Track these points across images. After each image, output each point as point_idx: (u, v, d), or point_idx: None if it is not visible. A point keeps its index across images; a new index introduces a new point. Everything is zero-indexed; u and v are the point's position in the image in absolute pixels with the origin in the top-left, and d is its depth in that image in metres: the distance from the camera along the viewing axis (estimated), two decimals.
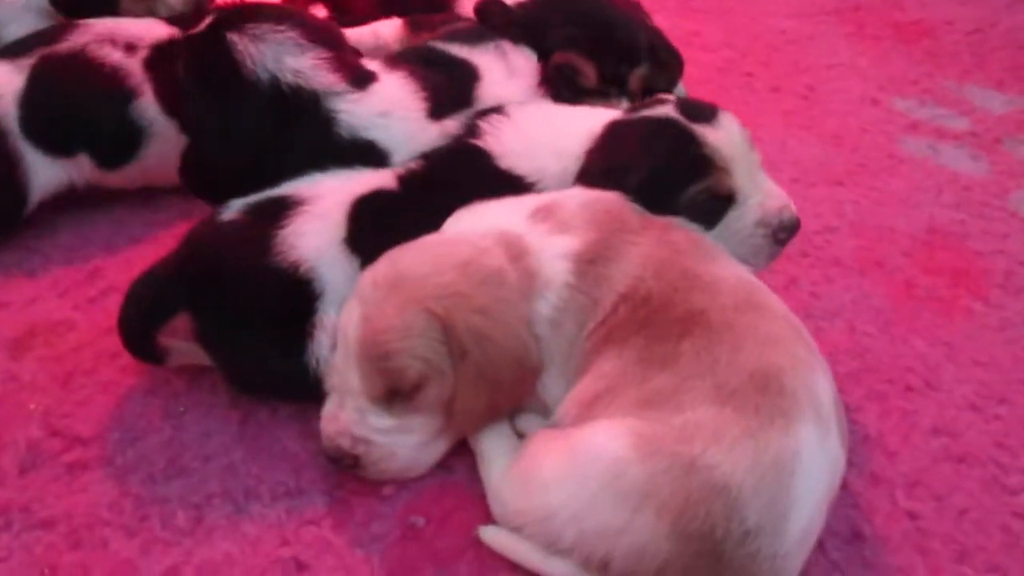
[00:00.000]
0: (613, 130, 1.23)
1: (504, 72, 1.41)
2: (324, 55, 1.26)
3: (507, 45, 1.46)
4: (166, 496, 1.07)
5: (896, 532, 1.07)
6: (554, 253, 1.07)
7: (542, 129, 1.28)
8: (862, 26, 2.45)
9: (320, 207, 1.18)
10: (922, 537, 1.07)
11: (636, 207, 1.14)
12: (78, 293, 1.37)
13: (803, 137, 1.91)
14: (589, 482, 0.92)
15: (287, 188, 1.22)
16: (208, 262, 1.15)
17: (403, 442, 1.05)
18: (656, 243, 1.07)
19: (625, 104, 1.49)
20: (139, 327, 1.15)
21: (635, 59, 1.54)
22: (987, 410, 1.25)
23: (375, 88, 1.29)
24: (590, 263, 1.06)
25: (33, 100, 1.42)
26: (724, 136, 1.18)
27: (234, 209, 1.19)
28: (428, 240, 1.10)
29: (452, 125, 1.32)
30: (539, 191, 1.23)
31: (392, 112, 1.28)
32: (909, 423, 1.22)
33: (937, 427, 1.22)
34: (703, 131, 1.17)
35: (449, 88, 1.35)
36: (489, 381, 1.02)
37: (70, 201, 1.53)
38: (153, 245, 1.45)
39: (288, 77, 1.22)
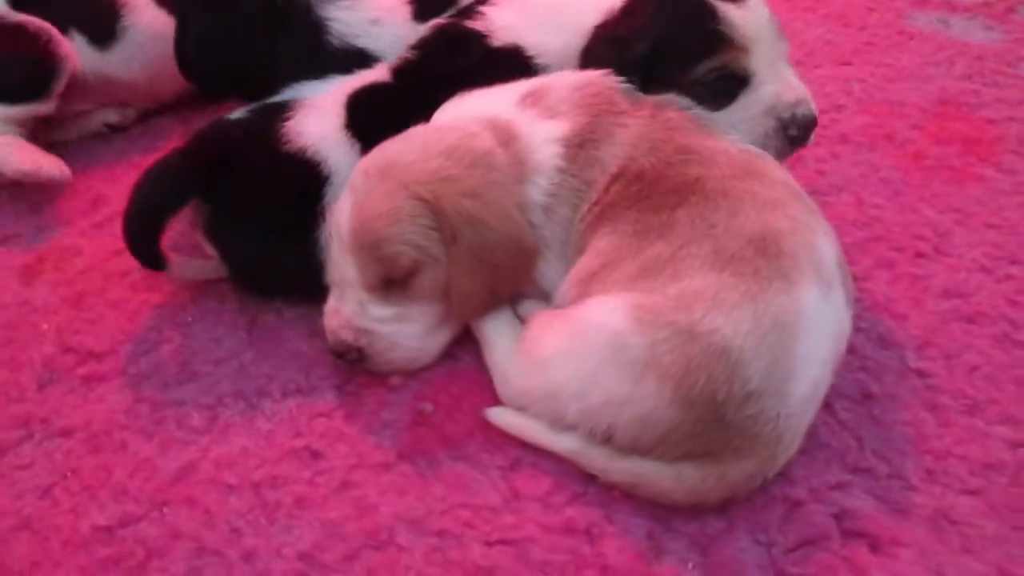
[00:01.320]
0: (632, 2, 1.16)
1: None
2: None
3: None
4: (180, 399, 1.09)
5: (905, 390, 1.07)
6: (543, 138, 1.06)
7: (547, 3, 1.23)
8: None
9: (320, 102, 1.19)
10: (932, 394, 1.06)
11: (627, 88, 1.11)
12: (83, 221, 1.39)
13: (808, 19, 1.86)
14: (591, 357, 0.92)
15: (286, 94, 1.23)
16: (220, 151, 1.16)
17: (405, 331, 1.05)
18: (648, 122, 1.05)
19: None
20: (149, 218, 1.15)
21: None
22: (998, 271, 1.23)
23: None
24: (579, 147, 1.05)
25: None
26: (749, 15, 1.11)
27: (239, 112, 1.21)
28: (417, 129, 1.09)
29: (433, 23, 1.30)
30: (540, 67, 1.20)
31: (382, 19, 1.27)
32: (919, 288, 1.20)
33: (948, 289, 1.20)
34: (726, 6, 1.10)
35: None
36: (484, 264, 1.02)
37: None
38: None
39: None
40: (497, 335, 1.07)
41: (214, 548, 0.93)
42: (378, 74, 1.23)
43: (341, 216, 1.03)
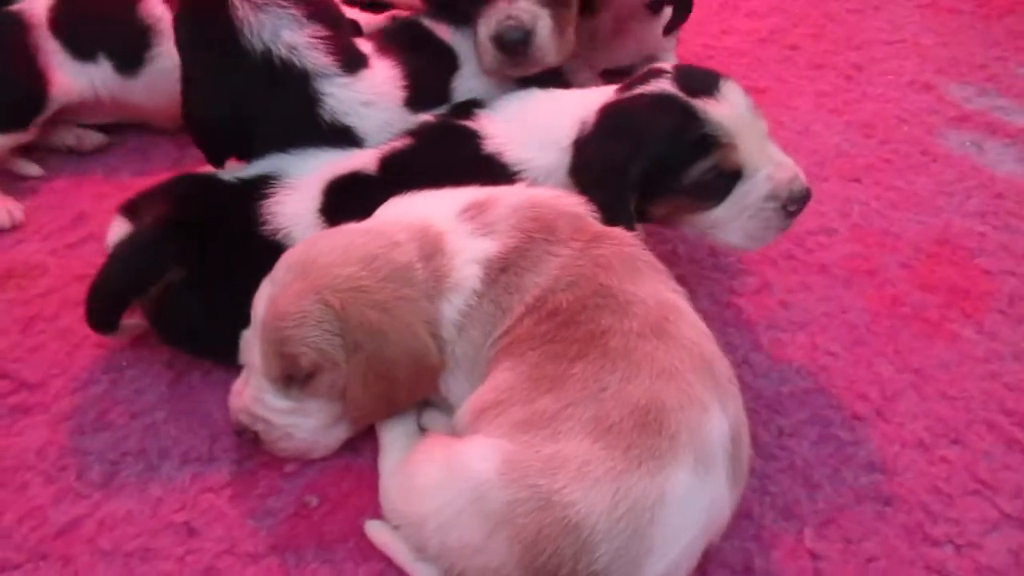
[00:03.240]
0: (607, 114, 1.18)
1: None
2: (322, 34, 1.26)
3: None
4: (88, 448, 1.14)
5: (791, 571, 1.04)
6: (468, 257, 1.05)
7: (532, 117, 1.25)
8: None
9: (301, 184, 1.22)
10: None
11: (579, 212, 1.10)
12: (59, 238, 1.45)
13: (831, 123, 1.79)
14: (456, 498, 0.92)
15: (277, 162, 1.25)
16: (198, 225, 1.18)
17: (300, 424, 1.07)
18: (578, 255, 1.04)
19: (525, 4, 1.31)
20: (117, 296, 1.17)
21: None
22: (935, 451, 1.17)
23: (365, 75, 1.29)
24: (503, 271, 1.04)
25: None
26: (728, 109, 1.13)
27: (229, 173, 1.25)
28: (349, 228, 1.10)
29: (426, 117, 1.32)
30: (527, 181, 1.21)
31: (375, 103, 1.29)
32: (843, 455, 1.16)
33: (873, 463, 1.15)
34: (705, 106, 1.12)
35: (428, 79, 1.34)
36: (381, 376, 1.02)
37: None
38: None
39: (282, 51, 1.23)
40: (391, 445, 1.08)
41: None
42: (365, 161, 1.24)
43: (258, 304, 1.05)
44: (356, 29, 1.40)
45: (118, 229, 1.22)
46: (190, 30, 1.26)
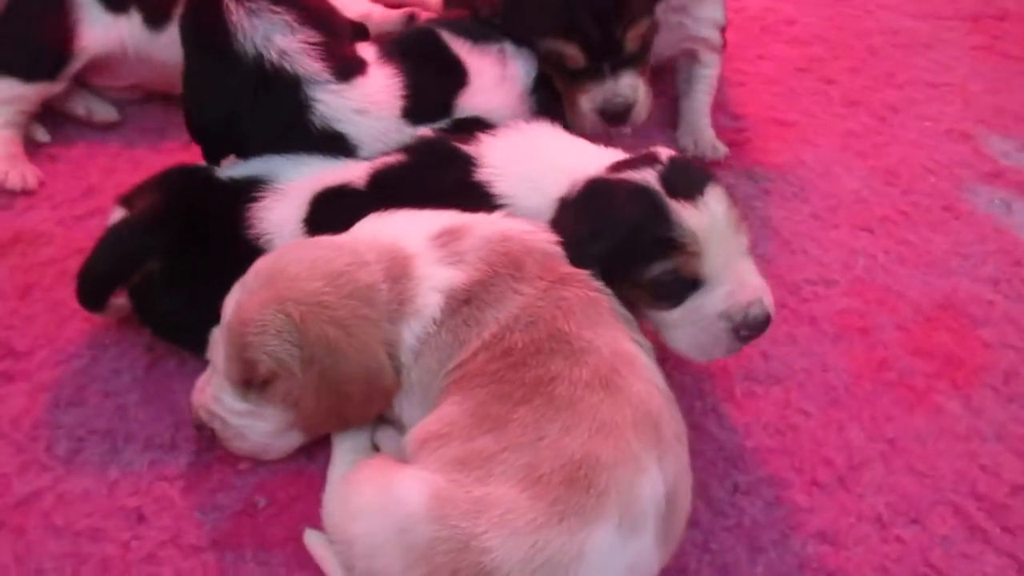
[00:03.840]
0: (590, 188, 1.16)
1: (494, 79, 1.38)
2: (315, 40, 1.27)
3: (509, 48, 1.41)
4: (60, 422, 1.19)
5: None
6: (432, 285, 1.06)
7: (531, 158, 1.24)
8: (998, 39, 2.16)
9: (289, 190, 1.24)
10: None
11: (550, 249, 1.10)
12: (68, 208, 1.50)
13: (854, 166, 1.74)
14: (385, 527, 0.94)
15: (267, 166, 1.27)
16: (185, 220, 1.22)
17: (255, 427, 1.10)
18: (541, 296, 1.04)
19: (628, 79, 1.42)
20: (104, 280, 1.23)
21: (627, 15, 1.40)
22: (892, 528, 1.15)
23: (359, 82, 1.30)
24: (465, 303, 1.05)
25: None
26: (704, 218, 1.10)
27: (224, 169, 1.28)
28: (323, 241, 1.11)
29: (424, 131, 1.32)
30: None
31: (368, 111, 1.29)
32: (793, 522, 1.15)
33: (823, 532, 1.14)
34: (680, 209, 1.09)
35: (431, 92, 1.33)
36: (334, 391, 1.04)
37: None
38: (147, 173, 1.54)
39: (273, 56, 1.25)
40: (341, 458, 1.10)
41: None
42: (356, 174, 1.25)
43: (227, 306, 1.08)
44: (360, 33, 1.40)
45: (116, 217, 1.26)
46: (189, 31, 1.29)
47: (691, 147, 1.69)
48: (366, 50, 1.35)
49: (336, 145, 1.28)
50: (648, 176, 1.12)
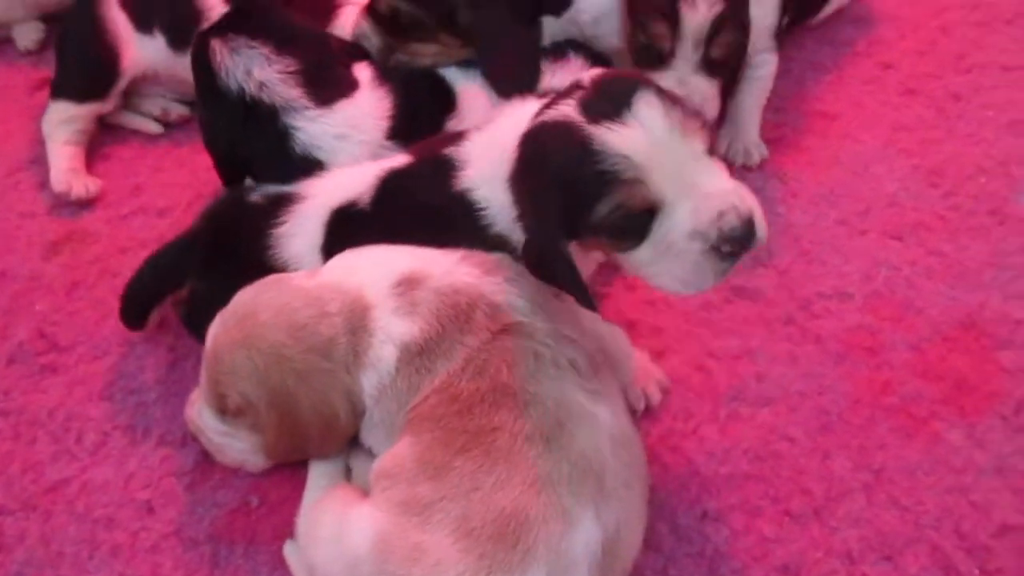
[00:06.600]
0: (522, 146, 1.06)
1: (485, 106, 1.40)
2: (294, 68, 1.33)
3: None
4: (90, 415, 1.33)
5: None
6: (386, 337, 1.09)
7: (490, 142, 1.16)
8: None
9: (308, 211, 1.27)
10: None
11: (499, 300, 1.09)
12: (116, 208, 1.62)
13: (896, 165, 1.65)
14: (337, 560, 1.02)
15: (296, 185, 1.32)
16: (223, 243, 1.30)
17: (232, 445, 1.19)
18: (486, 348, 1.06)
19: (703, 84, 1.44)
20: (146, 298, 1.35)
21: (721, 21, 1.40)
22: (862, 564, 1.14)
23: (340, 106, 1.34)
24: (418, 355, 1.08)
25: None
26: (635, 135, 0.97)
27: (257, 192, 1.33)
28: (292, 285, 1.14)
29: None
30: (490, 225, 1.16)
31: (349, 136, 1.34)
32: (758, 552, 1.16)
33: (787, 566, 1.14)
34: (605, 135, 0.97)
35: (420, 115, 1.36)
36: (293, 431, 1.12)
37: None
38: (190, 172, 1.66)
39: (253, 89, 1.32)
40: (315, 481, 1.18)
41: (39, 565, 1.17)
42: (363, 184, 1.24)
43: (209, 333, 1.15)
44: (356, 54, 1.43)
45: None
46: (192, 71, 1.37)
47: (723, 148, 1.65)
48: (362, 71, 1.38)
49: (316, 172, 1.32)
50: (565, 109, 1.01)
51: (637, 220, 1.00)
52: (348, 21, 1.53)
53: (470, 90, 1.40)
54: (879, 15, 1.98)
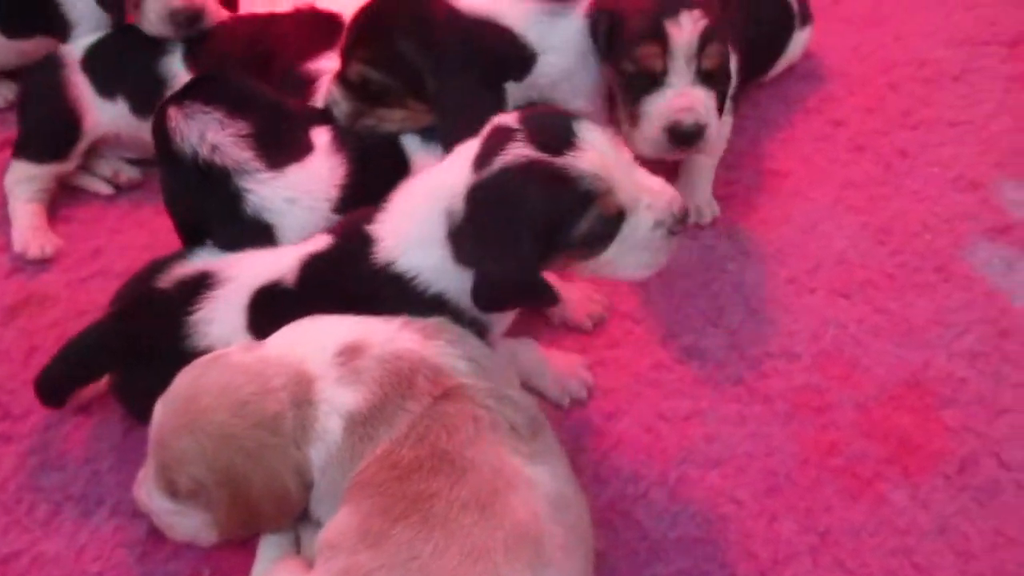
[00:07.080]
0: (477, 199, 1.15)
1: None
2: (246, 131, 1.35)
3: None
4: (41, 486, 1.32)
5: None
6: (331, 408, 1.11)
7: (408, 212, 1.23)
8: None
9: (228, 295, 1.28)
10: None
11: (440, 362, 1.12)
12: (75, 270, 1.63)
13: (844, 223, 1.69)
14: None
15: (213, 262, 1.34)
16: (137, 329, 1.31)
17: (182, 523, 1.19)
18: (427, 413, 1.08)
19: (703, 95, 1.46)
20: (65, 383, 1.36)
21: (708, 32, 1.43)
22: None
23: (291, 170, 1.37)
24: (362, 424, 1.10)
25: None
26: (593, 155, 1.13)
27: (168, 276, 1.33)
28: (232, 362, 1.15)
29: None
30: (425, 289, 1.22)
31: (299, 200, 1.36)
32: None
33: None
34: (573, 162, 1.12)
35: (372, 184, 1.36)
36: (245, 509, 1.13)
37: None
38: (150, 233, 1.68)
39: (205, 152, 1.34)
40: (264, 553, 1.19)
41: None
42: (286, 266, 1.27)
43: (154, 417, 1.15)
44: (316, 119, 1.46)
45: None
46: (152, 137, 1.40)
47: None
48: (320, 136, 1.41)
49: (266, 236, 1.35)
50: (522, 149, 1.13)
51: (609, 225, 1.16)
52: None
53: (426, 159, 1.42)
54: (829, 72, 2.04)
